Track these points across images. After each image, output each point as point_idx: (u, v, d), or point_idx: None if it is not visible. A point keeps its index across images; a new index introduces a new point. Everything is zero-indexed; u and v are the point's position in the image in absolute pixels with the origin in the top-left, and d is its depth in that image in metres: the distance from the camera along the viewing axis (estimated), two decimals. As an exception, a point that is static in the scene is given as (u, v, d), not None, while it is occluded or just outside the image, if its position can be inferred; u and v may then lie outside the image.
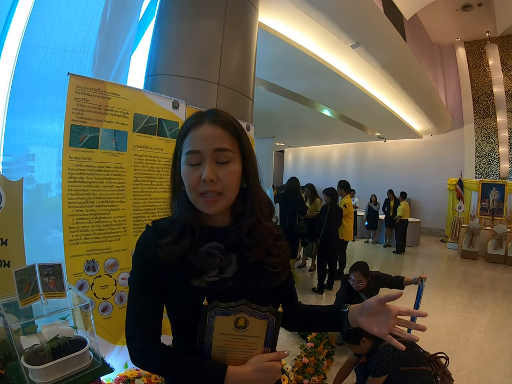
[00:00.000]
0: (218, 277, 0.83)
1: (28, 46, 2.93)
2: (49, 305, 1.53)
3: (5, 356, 1.58)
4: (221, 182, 0.78)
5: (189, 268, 0.81)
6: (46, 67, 2.82)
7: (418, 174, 11.64)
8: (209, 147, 0.78)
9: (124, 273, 2.04)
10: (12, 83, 2.91)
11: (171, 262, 0.81)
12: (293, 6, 4.05)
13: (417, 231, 9.57)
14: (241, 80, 3.07)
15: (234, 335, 0.79)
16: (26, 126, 2.75)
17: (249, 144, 0.85)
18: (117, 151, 1.99)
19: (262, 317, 0.79)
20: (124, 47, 2.63)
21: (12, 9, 3.01)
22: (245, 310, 0.78)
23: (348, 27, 4.66)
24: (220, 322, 0.78)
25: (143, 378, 2.02)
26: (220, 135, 0.79)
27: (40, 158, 2.61)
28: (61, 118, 2.90)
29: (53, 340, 1.39)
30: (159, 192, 2.22)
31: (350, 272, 3.20)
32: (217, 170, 0.78)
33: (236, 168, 0.81)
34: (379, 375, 2.12)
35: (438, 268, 7.07)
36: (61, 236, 2.05)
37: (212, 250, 0.84)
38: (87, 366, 1.45)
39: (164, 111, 2.23)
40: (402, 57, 6.00)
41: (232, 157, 0.80)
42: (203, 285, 0.81)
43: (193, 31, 2.76)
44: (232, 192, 0.82)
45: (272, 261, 0.87)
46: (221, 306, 0.77)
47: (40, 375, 1.31)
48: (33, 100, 2.84)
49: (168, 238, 0.81)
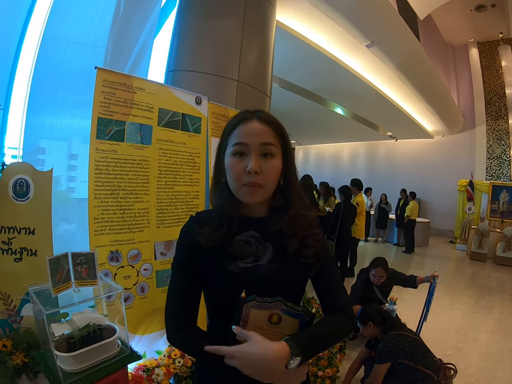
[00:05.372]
0: (253, 264, 0.87)
1: (49, 39, 2.96)
2: (73, 295, 1.57)
3: (28, 344, 1.61)
4: (264, 175, 0.84)
5: (226, 254, 0.86)
6: (67, 61, 2.85)
7: (429, 174, 11.55)
8: (256, 140, 0.84)
9: (146, 264, 2.08)
10: (33, 76, 2.95)
11: (210, 248, 0.86)
12: (310, 5, 4.05)
13: (427, 232, 9.52)
14: (260, 77, 3.10)
15: (267, 329, 0.82)
16: (39, 120, 2.79)
17: (290, 145, 0.91)
18: (142, 145, 2.02)
19: (296, 315, 0.81)
20: (139, 43, 2.65)
21: (33, 2, 3.05)
22: (279, 306, 0.81)
23: (363, 26, 4.66)
24: (255, 315, 0.81)
25: (162, 368, 2.03)
26: (266, 131, 0.85)
27: (50, 152, 2.65)
28: (75, 112, 2.95)
29: (85, 328, 1.42)
30: (182, 185, 2.25)
31: (372, 267, 3.27)
32: (261, 163, 0.83)
33: (278, 164, 0.86)
34: (382, 362, 2.22)
35: (446, 269, 7.05)
36: (70, 228, 2.09)
37: (249, 238, 0.89)
38: (115, 353, 1.47)
39: (187, 106, 2.26)
40: (416, 57, 5.98)
41: (275, 152, 0.86)
42: (237, 270, 0.85)
43: (213, 28, 2.78)
44: (272, 186, 0.87)
45: (307, 252, 0.88)
46: (257, 301, 0.80)
47: (70, 362, 1.33)
48: (53, 94, 2.88)
49: (207, 227, 0.87)
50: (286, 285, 0.88)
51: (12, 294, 1.66)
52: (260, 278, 0.85)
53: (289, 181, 0.91)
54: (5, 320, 1.64)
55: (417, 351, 2.24)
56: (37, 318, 1.49)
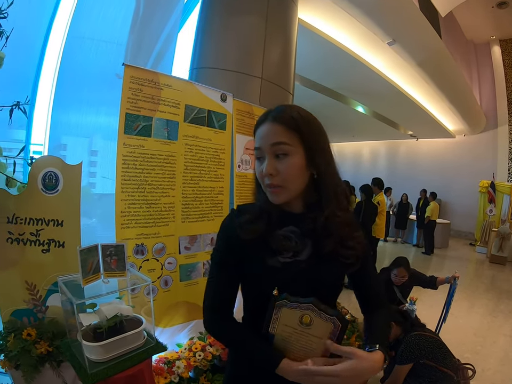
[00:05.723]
0: (292, 259, 0.86)
1: (73, 38, 3.02)
2: (96, 286, 1.60)
3: (52, 333, 1.65)
4: (281, 175, 0.83)
5: (265, 248, 0.86)
6: (91, 59, 2.90)
7: (450, 174, 11.32)
8: (266, 143, 0.84)
9: (170, 258, 2.11)
10: (58, 74, 3.01)
11: (250, 242, 0.86)
12: (331, 2, 4.03)
13: (447, 233, 9.37)
14: (283, 75, 3.10)
15: (297, 329, 0.81)
16: (64, 117, 2.84)
17: (314, 136, 0.86)
18: (169, 140, 2.05)
19: (328, 319, 0.79)
20: (161, 38, 2.67)
21: (57, 2, 3.11)
22: (311, 308, 0.79)
23: (384, 23, 4.61)
24: (286, 314, 0.80)
25: (182, 360, 2.04)
26: (276, 131, 0.84)
27: (71, 148, 2.70)
28: (97, 110, 2.99)
29: (113, 318, 1.44)
30: (207, 181, 2.28)
31: (394, 266, 3.24)
32: (277, 164, 0.83)
33: (295, 161, 0.83)
34: (404, 363, 2.19)
35: (466, 271, 6.92)
36: (91, 223, 2.13)
37: (289, 233, 0.88)
38: (141, 344, 1.50)
39: (213, 103, 2.29)
40: (438, 55, 5.86)
41: (289, 150, 0.82)
42: (277, 265, 0.85)
43: (236, 25, 2.80)
44: (293, 184, 0.85)
45: (346, 253, 0.87)
46: (289, 300, 0.79)
47: (97, 351, 1.36)
48: (78, 91, 2.94)
49: (247, 218, 0.88)
50: (323, 282, 0.88)
51: (38, 284, 1.71)
52: (298, 274, 0.85)
53: (320, 173, 0.87)
54: (30, 310, 1.70)
55: (438, 351, 2.21)
56: (64, 308, 1.52)
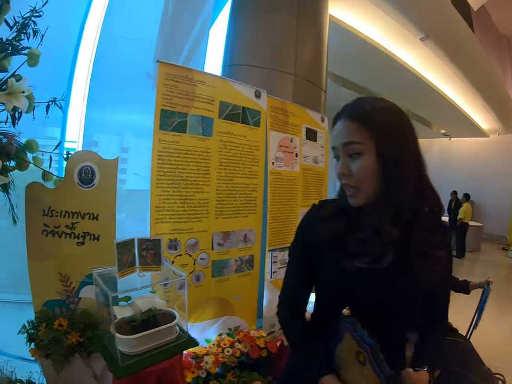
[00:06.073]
0: (369, 265, 0.80)
1: (106, 36, 3.08)
2: (129, 279, 1.62)
3: (84, 324, 1.68)
4: (354, 176, 0.78)
5: (343, 249, 0.81)
6: (124, 57, 2.96)
7: (483, 175, 10.92)
8: (339, 142, 0.81)
9: (203, 253, 2.12)
10: (92, 73, 3.08)
11: (328, 241, 0.83)
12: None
13: (479, 236, 9.05)
14: (315, 72, 3.07)
15: (352, 359, 0.74)
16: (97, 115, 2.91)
17: (390, 133, 0.78)
18: (204, 136, 2.06)
19: (380, 373, 0.68)
20: (193, 34, 2.69)
21: (89, 2, 3.18)
22: (367, 352, 0.69)
23: (416, 18, 4.51)
24: (348, 340, 0.74)
25: (211, 356, 2.04)
26: (346, 129, 0.79)
27: (103, 145, 2.75)
28: (128, 107, 3.04)
29: (147, 312, 1.45)
30: (241, 177, 2.28)
31: None
32: (350, 164, 0.79)
33: (367, 161, 0.77)
34: None
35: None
36: (121, 218, 2.18)
37: (369, 237, 0.80)
38: (173, 338, 1.49)
39: (247, 100, 2.29)
40: (471, 51, 5.69)
41: (361, 149, 0.77)
42: (352, 269, 0.80)
43: (268, 22, 2.79)
44: (367, 186, 0.78)
45: (424, 269, 0.80)
46: (355, 327, 0.72)
47: (130, 344, 1.36)
48: (111, 89, 3.00)
49: (326, 216, 0.86)
50: (397, 295, 0.81)
51: (72, 276, 1.75)
52: (373, 282, 0.80)
53: (392, 178, 0.77)
54: (62, 301, 1.74)
55: (469, 359, 2.13)
56: (98, 300, 1.53)
